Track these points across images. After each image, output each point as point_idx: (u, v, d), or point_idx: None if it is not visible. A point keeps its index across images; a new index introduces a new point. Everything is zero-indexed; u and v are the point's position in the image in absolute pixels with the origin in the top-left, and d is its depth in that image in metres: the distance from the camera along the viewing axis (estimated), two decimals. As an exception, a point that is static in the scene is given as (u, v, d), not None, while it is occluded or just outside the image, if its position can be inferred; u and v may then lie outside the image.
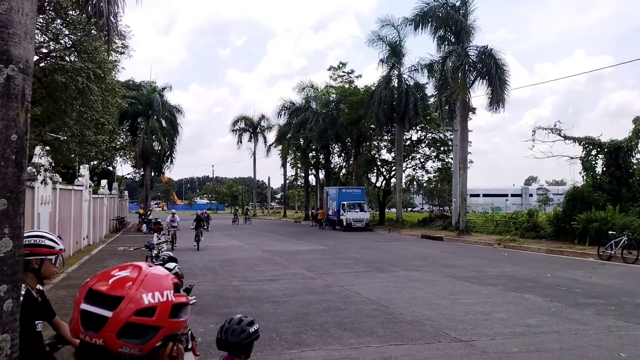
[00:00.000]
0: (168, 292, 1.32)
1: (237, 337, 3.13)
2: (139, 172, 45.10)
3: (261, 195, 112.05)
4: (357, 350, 7.47)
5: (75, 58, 9.20)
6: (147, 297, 1.28)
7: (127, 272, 1.35)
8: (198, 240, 22.95)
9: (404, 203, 76.22)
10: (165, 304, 1.30)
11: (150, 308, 1.28)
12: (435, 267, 16.94)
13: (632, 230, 19.69)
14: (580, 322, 9.07)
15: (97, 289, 1.30)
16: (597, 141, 26.13)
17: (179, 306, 1.34)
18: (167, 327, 1.30)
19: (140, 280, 1.31)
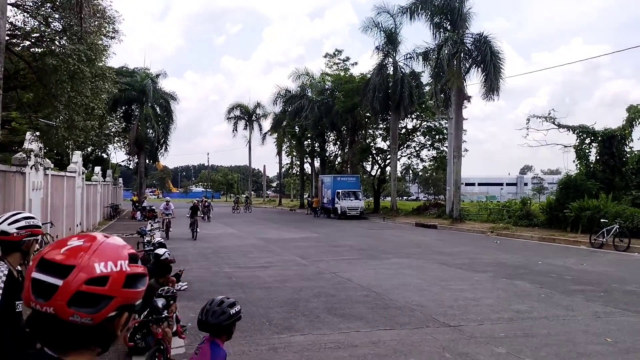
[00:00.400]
0: (122, 262, 1.32)
1: (217, 319, 3.15)
2: (133, 159, 44.94)
3: (257, 184, 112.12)
4: (346, 334, 7.52)
5: (66, 41, 9.13)
6: (100, 267, 1.28)
7: (81, 241, 1.34)
8: (194, 230, 22.05)
9: (400, 192, 76.28)
10: (118, 273, 1.30)
11: (103, 277, 1.27)
12: (428, 254, 17.01)
13: (624, 218, 19.80)
14: (568, 308, 9.14)
15: (49, 258, 1.29)
16: (591, 130, 26.18)
17: (134, 276, 1.34)
18: (121, 297, 1.30)
19: (94, 250, 1.30)
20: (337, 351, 6.74)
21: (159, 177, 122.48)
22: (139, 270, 1.37)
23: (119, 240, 1.41)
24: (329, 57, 52.17)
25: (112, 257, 1.32)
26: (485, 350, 6.77)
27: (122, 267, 1.32)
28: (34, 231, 3.26)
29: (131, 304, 1.35)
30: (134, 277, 1.34)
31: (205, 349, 3.16)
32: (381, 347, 6.91)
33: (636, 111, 24.97)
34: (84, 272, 1.26)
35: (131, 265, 1.35)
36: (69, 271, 1.26)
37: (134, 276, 1.35)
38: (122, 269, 1.31)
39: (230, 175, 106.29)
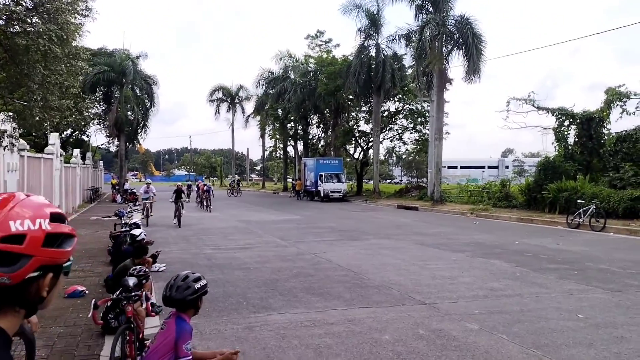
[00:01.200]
0: (42, 221, 1.29)
1: (182, 294, 3.14)
2: (114, 142, 44.36)
3: (240, 167, 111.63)
4: (322, 313, 7.57)
5: (37, 20, 8.91)
6: (15, 225, 1.25)
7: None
8: (179, 216, 20.10)
9: (383, 175, 76.60)
10: (37, 232, 1.27)
11: (19, 235, 1.25)
12: (408, 235, 17.14)
13: (600, 199, 20.13)
14: (542, 285, 9.30)
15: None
16: (569, 112, 26.44)
17: (56, 236, 1.31)
18: (41, 256, 1.27)
19: (10, 208, 1.28)
20: (313, 329, 6.79)
21: (141, 160, 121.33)
22: (63, 230, 1.34)
23: (41, 199, 1.38)
24: (311, 39, 51.75)
25: (31, 215, 1.29)
26: (459, 326, 6.87)
27: (42, 226, 1.29)
28: None
29: (56, 265, 1.33)
30: (55, 237, 1.31)
31: (171, 324, 3.15)
32: (357, 324, 6.98)
33: (614, 93, 25.24)
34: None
35: (53, 224, 1.32)
36: None
37: (56, 235, 1.32)
38: (41, 228, 1.29)
39: (214, 159, 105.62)
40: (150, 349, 3.16)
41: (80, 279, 9.29)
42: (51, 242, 1.30)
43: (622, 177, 23.22)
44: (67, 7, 8.63)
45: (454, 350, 5.95)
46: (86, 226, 18.86)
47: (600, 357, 5.71)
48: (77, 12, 9.61)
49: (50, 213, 1.33)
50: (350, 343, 6.20)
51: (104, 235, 15.39)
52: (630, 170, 23.01)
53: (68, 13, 8.96)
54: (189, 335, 3.14)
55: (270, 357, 5.74)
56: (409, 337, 6.42)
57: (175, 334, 3.09)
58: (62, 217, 1.37)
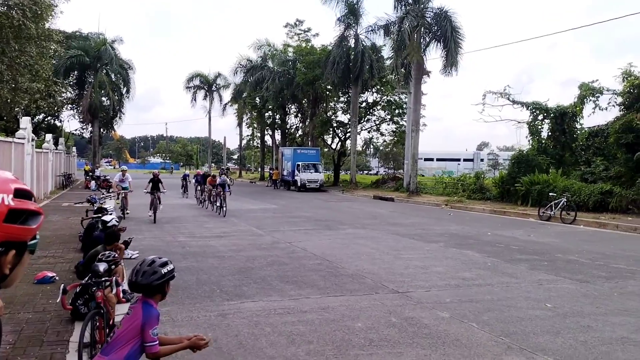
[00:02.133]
0: (4, 196, 1.27)
1: (148, 279, 3.10)
2: (87, 127, 43.56)
3: (217, 156, 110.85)
4: (296, 301, 7.59)
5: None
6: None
7: None
8: (155, 209, 17.56)
9: (360, 166, 76.83)
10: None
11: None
12: (383, 225, 17.26)
13: (571, 192, 20.52)
14: (513, 275, 9.47)
15: None
16: (544, 106, 26.84)
17: (19, 212, 1.29)
18: (2, 232, 1.25)
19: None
20: (286, 316, 6.80)
21: (116, 147, 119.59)
22: (27, 207, 1.31)
23: (7, 174, 1.35)
24: (290, 27, 51.41)
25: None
26: (430, 314, 6.96)
27: (4, 201, 1.26)
28: None
29: (20, 242, 1.30)
30: (19, 213, 1.29)
31: (138, 309, 3.12)
32: (330, 312, 7.01)
33: (588, 89, 25.68)
34: None
35: (18, 200, 1.29)
36: None
37: (20, 212, 1.29)
38: (3, 203, 1.26)
39: (190, 147, 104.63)
40: (116, 334, 3.13)
41: (51, 265, 9.14)
42: (14, 218, 1.27)
43: (593, 172, 23.70)
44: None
45: (425, 338, 6.02)
46: (58, 212, 18.55)
47: (567, 345, 5.84)
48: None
49: (15, 189, 1.30)
50: (323, 330, 6.24)
51: (76, 221, 15.14)
52: (601, 164, 23.50)
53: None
54: (155, 320, 3.11)
55: (243, 344, 5.74)
56: (382, 325, 6.48)
57: (141, 319, 3.06)
58: (28, 194, 1.34)
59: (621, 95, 23.52)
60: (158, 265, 3.15)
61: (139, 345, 3.06)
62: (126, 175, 19.43)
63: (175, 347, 3.25)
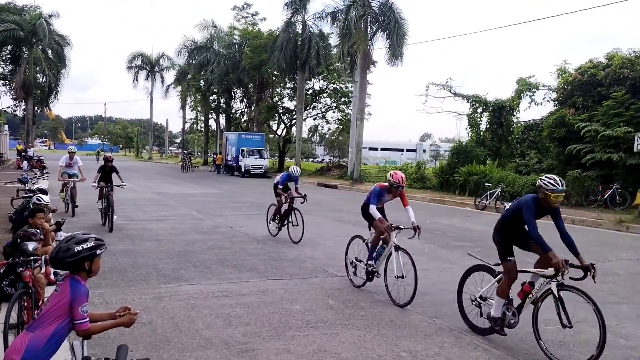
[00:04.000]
0: None
1: (62, 255, 3.06)
2: (20, 105, 41.50)
3: (159, 139, 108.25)
4: (235, 284, 7.57)
5: None
6: None
7: None
8: (108, 213, 12.14)
9: (306, 153, 76.94)
10: None
11: None
12: (326, 212, 17.41)
13: (506, 183, 21.32)
14: (447, 261, 9.80)
15: None
16: (483, 99, 27.72)
17: None
18: None
19: None
20: (224, 299, 6.78)
21: (51, 127, 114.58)
22: None
23: None
24: (238, 10, 50.56)
25: None
26: (368, 297, 7.13)
27: None
28: None
29: None
30: None
31: (65, 286, 3.05)
32: (269, 295, 7.04)
33: (524, 84, 26.70)
34: None
35: None
36: None
37: None
38: None
39: (130, 129, 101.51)
40: (43, 310, 3.04)
41: (-24, 247, 8.71)
42: None
43: (527, 164, 24.72)
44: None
45: (360, 320, 6.16)
46: (-14, 193, 17.63)
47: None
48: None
49: None
50: (260, 312, 6.25)
51: (6, 202, 14.46)
52: (534, 157, 24.54)
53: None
54: (85, 297, 3.05)
55: (179, 326, 5.68)
56: (319, 307, 6.57)
57: (70, 296, 2.99)
58: None
59: (556, 91, 24.59)
60: (74, 242, 3.10)
61: (67, 322, 2.99)
62: (75, 159, 15.09)
63: (107, 324, 3.20)
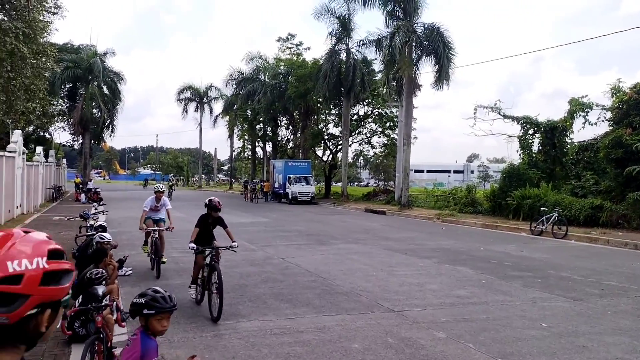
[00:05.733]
0: (39, 259, 1.29)
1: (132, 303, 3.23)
2: (78, 139, 43.38)
3: (207, 167, 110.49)
4: (292, 320, 7.56)
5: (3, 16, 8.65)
6: (13, 265, 1.25)
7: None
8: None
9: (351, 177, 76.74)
10: (34, 271, 1.27)
11: (17, 276, 1.24)
12: (375, 240, 17.27)
13: (562, 207, 20.66)
14: (507, 293, 9.50)
15: None
16: (534, 121, 27.11)
17: (54, 273, 1.31)
18: (39, 295, 1.27)
19: (8, 247, 1.27)
20: (283, 337, 6.78)
21: (106, 158, 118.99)
22: (61, 267, 1.33)
23: (40, 236, 1.37)
24: (282, 41, 51.70)
25: (28, 254, 1.29)
26: (427, 335, 6.97)
27: (39, 264, 1.29)
28: None
29: (54, 301, 1.32)
30: (54, 274, 1.31)
31: (137, 341, 3.14)
32: (326, 332, 7.00)
33: (577, 104, 26.00)
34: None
35: (51, 261, 1.32)
36: None
37: (54, 273, 1.31)
38: (38, 266, 1.28)
39: (180, 158, 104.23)
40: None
41: (43, 284, 9.05)
42: (49, 280, 1.29)
43: (583, 186, 23.91)
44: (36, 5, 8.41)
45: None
46: (49, 227, 18.38)
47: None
48: (45, 9, 9.38)
49: (48, 250, 1.33)
50: (320, 352, 6.22)
51: (68, 236, 15.03)
52: (591, 179, 23.72)
53: (36, 10, 8.73)
54: (154, 352, 3.13)
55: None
56: (378, 346, 6.48)
57: (140, 351, 3.09)
58: (61, 253, 1.36)
59: (610, 111, 23.82)
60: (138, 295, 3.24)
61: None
62: (162, 201, 11.90)
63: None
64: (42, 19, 9.47)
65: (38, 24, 8.75)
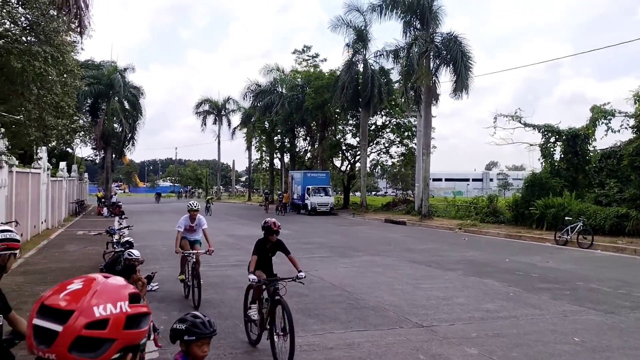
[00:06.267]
0: (122, 304, 1.31)
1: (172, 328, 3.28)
2: (100, 154, 44.06)
3: (225, 178, 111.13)
4: (320, 336, 7.54)
5: (32, 38, 8.84)
6: (99, 310, 1.27)
7: (80, 284, 1.34)
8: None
9: (368, 187, 76.51)
10: (118, 315, 1.29)
11: (102, 320, 1.27)
12: (398, 251, 17.18)
13: (587, 216, 20.35)
14: (536, 307, 9.37)
15: (49, 304, 1.29)
16: (555, 129, 26.82)
17: (135, 317, 1.33)
18: (123, 339, 1.29)
19: (92, 293, 1.30)
20: (312, 354, 6.76)
21: (125, 171, 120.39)
22: (141, 310, 1.36)
23: (119, 280, 1.40)
24: (298, 53, 52.10)
25: (112, 298, 1.31)
26: (458, 351, 6.89)
27: (122, 309, 1.31)
28: (11, 245, 3.16)
29: (135, 345, 1.34)
30: (135, 318, 1.34)
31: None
32: (356, 349, 6.96)
33: (600, 111, 25.66)
34: (83, 316, 1.26)
35: (132, 305, 1.34)
36: (69, 316, 1.25)
37: (136, 316, 1.34)
38: (122, 311, 1.31)
39: (199, 170, 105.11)
40: None
41: (73, 301, 9.15)
42: (131, 323, 1.32)
43: (607, 194, 23.54)
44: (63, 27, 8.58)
45: (455, 377, 5.96)
46: (74, 242, 18.62)
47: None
48: (72, 30, 9.57)
49: (129, 294, 1.35)
50: (351, 369, 6.18)
51: (93, 251, 15.23)
52: (615, 186, 23.35)
53: (64, 32, 8.91)
54: None
55: (273, 385, 5.69)
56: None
57: None
58: (139, 297, 1.39)
59: (633, 118, 23.47)
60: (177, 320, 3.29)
61: None
62: (198, 220, 10.63)
63: None
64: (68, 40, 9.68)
65: (67, 46, 8.94)
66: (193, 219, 10.56)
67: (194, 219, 10.56)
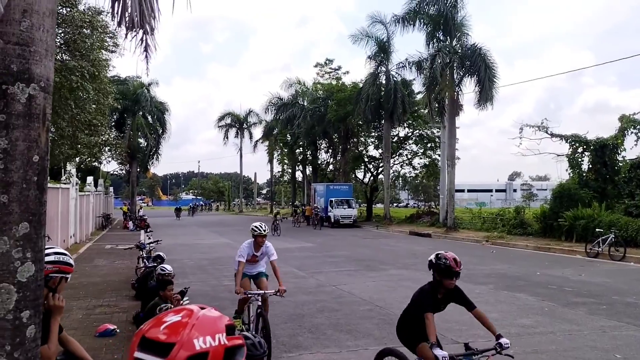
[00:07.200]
0: (220, 336, 1.33)
1: None
2: (125, 168, 44.75)
3: (247, 191, 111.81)
4: (355, 353, 7.48)
5: (67, 56, 9.05)
6: (199, 342, 1.28)
7: (179, 316, 1.35)
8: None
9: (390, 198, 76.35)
10: (217, 348, 1.30)
11: (203, 353, 1.28)
12: (425, 265, 16.91)
13: (618, 227, 19.94)
14: (573, 322, 9.17)
15: (149, 337, 1.30)
16: (583, 139, 26.42)
17: (232, 349, 1.34)
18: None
19: (192, 325, 1.31)
20: (349, 371, 6.69)
21: (149, 184, 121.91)
22: (237, 342, 1.36)
23: (215, 312, 1.41)
24: (320, 67, 52.43)
25: (210, 331, 1.32)
26: (497, 368, 6.74)
27: (221, 341, 1.32)
28: (63, 268, 3.18)
29: None
30: (232, 350, 1.34)
31: None
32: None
33: (629, 121, 25.26)
34: (184, 349, 1.26)
35: (229, 337, 1.35)
36: (170, 349, 1.26)
37: (233, 349, 1.34)
38: (220, 343, 1.32)
39: (222, 183, 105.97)
40: None
41: (108, 316, 9.23)
42: (229, 356, 1.32)
43: (637, 205, 23.06)
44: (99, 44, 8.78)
45: (497, 396, 5.83)
46: (103, 256, 18.83)
47: (649, 403, 5.59)
48: (105, 48, 9.77)
49: (226, 326, 1.36)
50: (389, 387, 6.09)
51: (122, 265, 15.39)
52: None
53: (97, 49, 9.10)
54: None
55: (312, 403, 5.65)
56: (449, 381, 6.30)
57: None
58: (234, 328, 1.39)
59: (664, 127, 23.05)
60: None
61: None
62: (265, 248, 8.13)
63: None
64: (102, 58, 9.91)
65: (102, 62, 9.16)
66: (259, 247, 7.98)
67: (259, 246, 7.97)
